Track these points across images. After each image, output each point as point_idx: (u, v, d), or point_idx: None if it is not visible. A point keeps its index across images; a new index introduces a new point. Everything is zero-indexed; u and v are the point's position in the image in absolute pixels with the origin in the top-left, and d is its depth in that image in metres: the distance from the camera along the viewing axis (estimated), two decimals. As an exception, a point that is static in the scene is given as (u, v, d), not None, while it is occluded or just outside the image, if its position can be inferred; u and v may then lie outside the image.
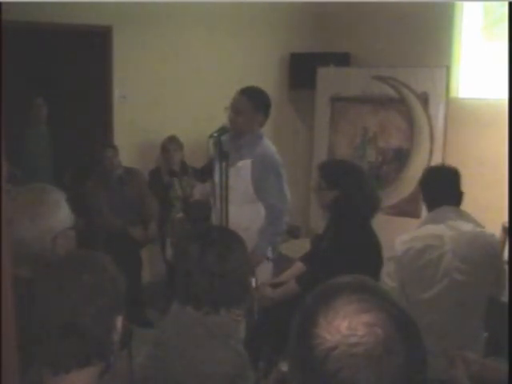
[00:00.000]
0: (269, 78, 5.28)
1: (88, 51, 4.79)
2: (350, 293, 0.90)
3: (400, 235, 2.65)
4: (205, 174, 4.02)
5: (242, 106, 3.15)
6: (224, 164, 2.91)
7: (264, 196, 3.21)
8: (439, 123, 4.63)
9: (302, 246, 4.22)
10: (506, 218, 3.05)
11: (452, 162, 2.95)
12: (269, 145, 3.28)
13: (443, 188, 2.67)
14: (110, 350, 1.30)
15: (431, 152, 4.66)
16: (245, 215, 3.19)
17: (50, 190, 1.74)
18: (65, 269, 1.33)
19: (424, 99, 4.67)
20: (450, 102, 4.61)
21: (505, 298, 2.46)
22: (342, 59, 5.25)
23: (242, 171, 3.17)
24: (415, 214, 4.73)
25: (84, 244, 1.83)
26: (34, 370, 1.29)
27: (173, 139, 4.68)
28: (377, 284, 0.96)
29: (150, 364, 1.77)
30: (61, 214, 1.68)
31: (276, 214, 3.24)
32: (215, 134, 2.94)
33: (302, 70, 5.34)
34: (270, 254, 3.34)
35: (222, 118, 3.26)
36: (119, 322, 1.32)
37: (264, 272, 3.26)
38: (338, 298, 0.89)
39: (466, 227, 2.57)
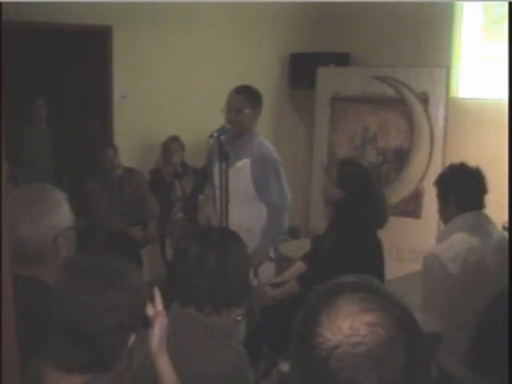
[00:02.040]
0: (269, 78, 5.28)
1: (88, 51, 4.79)
2: (353, 292, 0.89)
3: (432, 248, 2.50)
4: (205, 174, 4.01)
5: (242, 105, 3.14)
6: (224, 164, 2.91)
7: (265, 195, 3.21)
8: (439, 123, 4.62)
9: (302, 245, 4.21)
10: (506, 218, 3.05)
11: (452, 162, 2.94)
12: (265, 143, 3.28)
13: (473, 189, 2.53)
14: (114, 363, 1.30)
15: (431, 152, 4.66)
16: (246, 215, 3.18)
17: (50, 189, 1.74)
18: (98, 277, 1.30)
19: (424, 99, 4.67)
20: (449, 102, 4.61)
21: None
22: (342, 59, 5.25)
23: (241, 171, 3.16)
24: (415, 214, 4.73)
25: (84, 244, 1.83)
26: (34, 365, 1.29)
27: (175, 140, 4.67)
28: (380, 284, 0.95)
29: (150, 364, 1.76)
30: (62, 214, 1.68)
31: (277, 212, 3.23)
32: (215, 134, 2.93)
33: (301, 70, 5.34)
34: (272, 253, 3.34)
35: (221, 118, 3.26)
36: (132, 339, 1.32)
37: (267, 272, 3.26)
38: (340, 298, 0.89)
39: (496, 233, 2.52)
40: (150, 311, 1.48)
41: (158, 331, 1.49)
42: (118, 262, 1.38)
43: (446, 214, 2.59)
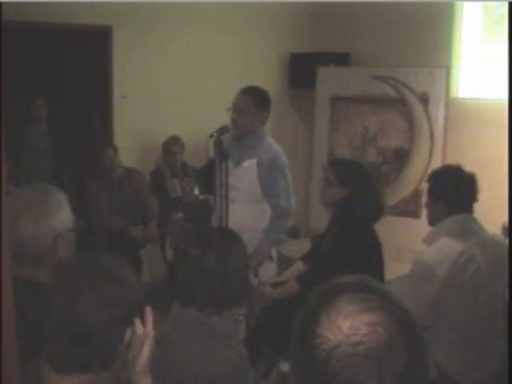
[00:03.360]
0: (269, 78, 5.27)
1: (88, 51, 4.79)
2: (353, 292, 0.90)
3: (421, 253, 2.50)
4: (205, 173, 4.02)
5: (244, 106, 3.16)
6: (224, 164, 2.91)
7: (271, 196, 3.22)
8: (439, 123, 4.62)
9: (302, 245, 4.21)
10: (506, 218, 3.05)
11: (452, 162, 2.93)
12: (274, 144, 3.29)
13: (466, 194, 2.50)
14: (112, 360, 1.30)
15: (431, 152, 4.66)
16: (251, 215, 3.20)
17: (52, 190, 1.75)
18: (87, 275, 1.31)
19: (424, 99, 4.67)
20: (449, 102, 4.60)
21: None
22: (342, 59, 5.25)
23: (248, 171, 3.17)
24: (415, 214, 4.73)
25: (84, 244, 1.83)
26: (34, 365, 1.29)
27: (176, 140, 4.67)
28: (380, 284, 0.96)
29: (150, 363, 1.76)
30: (63, 215, 1.69)
31: (282, 213, 3.25)
32: (215, 134, 2.94)
33: (302, 70, 5.34)
34: (273, 254, 3.34)
35: (222, 118, 3.26)
36: (128, 334, 1.31)
37: (268, 272, 3.26)
38: (340, 298, 0.89)
39: (486, 235, 2.51)
40: (139, 329, 1.35)
41: (145, 355, 1.35)
42: (109, 258, 1.39)
43: (434, 214, 2.58)
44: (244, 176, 3.16)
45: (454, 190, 2.51)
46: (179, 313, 1.78)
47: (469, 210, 2.53)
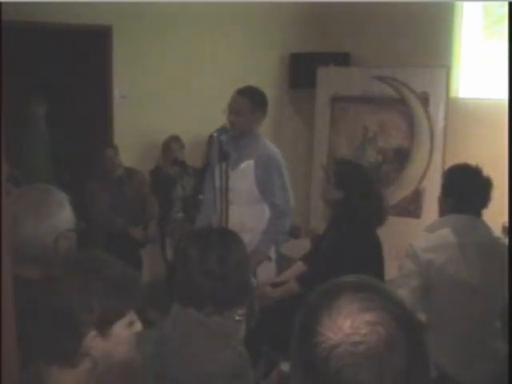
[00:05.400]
0: (269, 78, 5.27)
1: (88, 51, 4.80)
2: (354, 292, 0.90)
3: (417, 238, 2.52)
4: (204, 174, 4.01)
5: (241, 107, 3.15)
6: (224, 164, 2.91)
7: (269, 196, 3.22)
8: (439, 123, 4.62)
9: (302, 246, 4.21)
10: (506, 218, 3.05)
11: (452, 162, 2.93)
12: (269, 144, 3.28)
13: (476, 198, 2.49)
14: (67, 356, 1.26)
15: (431, 152, 4.66)
16: (250, 216, 3.20)
17: (54, 190, 1.75)
18: (76, 271, 1.31)
19: (424, 99, 4.67)
20: (449, 102, 4.60)
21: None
22: (342, 59, 5.25)
23: (245, 173, 3.17)
24: (415, 214, 4.73)
25: (85, 244, 1.83)
26: (34, 365, 1.29)
27: (176, 139, 4.68)
28: (380, 283, 0.96)
29: (150, 363, 1.77)
30: (64, 215, 1.69)
31: (280, 213, 3.24)
32: (215, 134, 2.94)
33: (302, 70, 5.34)
34: (272, 254, 3.34)
35: (222, 118, 3.26)
36: (89, 339, 1.26)
37: (267, 273, 3.26)
38: (341, 297, 0.89)
39: (490, 236, 2.52)
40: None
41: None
42: (100, 256, 1.38)
43: (442, 208, 2.59)
44: (242, 178, 3.15)
45: (465, 192, 2.50)
46: (179, 313, 1.79)
47: (476, 213, 2.51)
